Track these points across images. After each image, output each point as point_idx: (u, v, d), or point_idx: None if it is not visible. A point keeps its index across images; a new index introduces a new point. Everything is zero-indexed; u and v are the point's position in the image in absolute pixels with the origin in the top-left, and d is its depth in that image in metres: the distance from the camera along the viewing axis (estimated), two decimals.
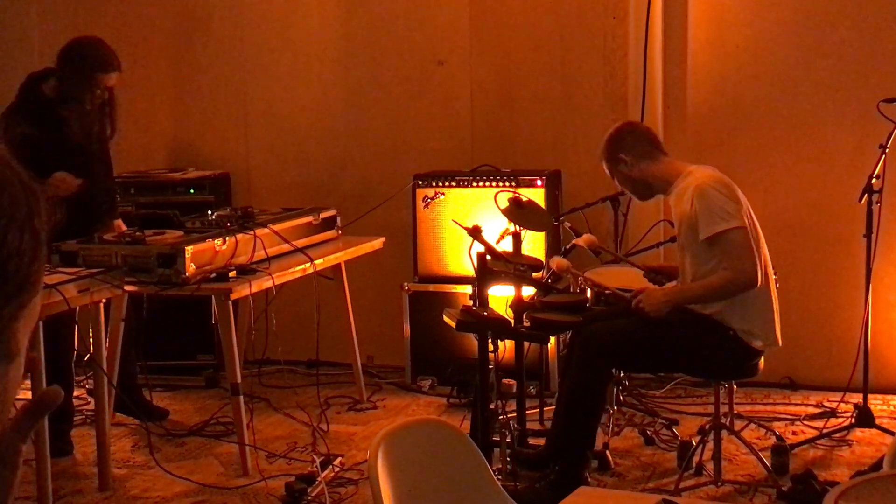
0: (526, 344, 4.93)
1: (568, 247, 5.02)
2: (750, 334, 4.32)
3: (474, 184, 5.87)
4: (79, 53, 5.06)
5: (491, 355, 4.25)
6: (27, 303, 1.19)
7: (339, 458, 4.92)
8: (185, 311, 5.98)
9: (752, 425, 5.24)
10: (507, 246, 4.73)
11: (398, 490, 2.58)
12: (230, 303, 4.75)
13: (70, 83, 5.04)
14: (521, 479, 4.36)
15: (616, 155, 4.50)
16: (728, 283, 4.25)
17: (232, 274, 4.81)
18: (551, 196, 5.83)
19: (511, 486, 4.15)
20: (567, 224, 5.38)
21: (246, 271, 4.88)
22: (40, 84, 5.09)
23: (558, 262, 4.67)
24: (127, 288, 4.67)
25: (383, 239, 5.86)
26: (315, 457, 4.84)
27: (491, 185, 5.77)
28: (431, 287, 5.96)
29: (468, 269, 4.56)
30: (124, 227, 5.22)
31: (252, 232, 5.03)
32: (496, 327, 4.23)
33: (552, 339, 5.49)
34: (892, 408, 5.57)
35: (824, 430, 5.13)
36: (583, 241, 4.89)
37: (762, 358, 4.43)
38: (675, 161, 4.56)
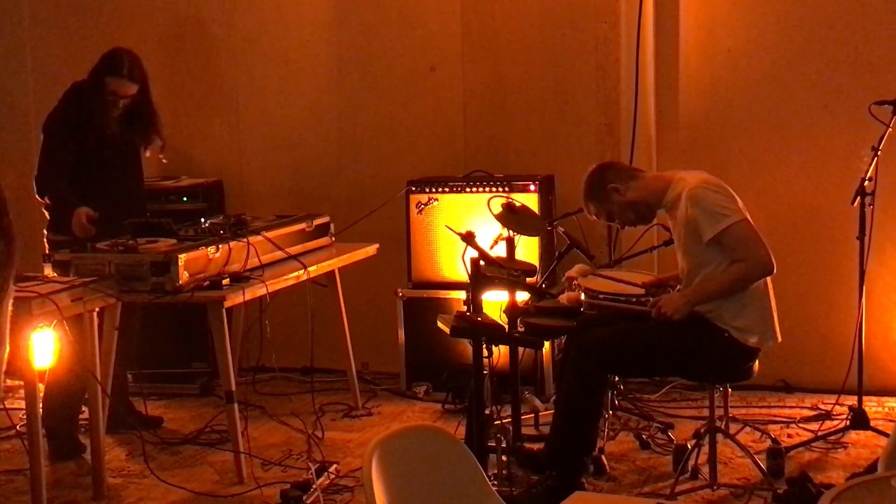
0: (521, 349, 4.93)
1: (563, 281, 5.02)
2: (745, 331, 4.32)
3: (468, 189, 5.87)
4: (100, 58, 5.26)
5: (485, 361, 4.25)
6: None
7: (335, 466, 4.91)
8: (178, 319, 5.97)
9: (748, 428, 5.24)
10: (500, 251, 4.73)
11: (393, 497, 2.57)
12: (224, 311, 4.74)
13: (87, 86, 5.23)
14: (516, 485, 4.36)
15: (605, 187, 4.52)
16: (745, 274, 4.26)
17: (225, 282, 4.80)
18: (545, 201, 5.83)
19: (506, 492, 4.15)
20: (560, 229, 5.39)
21: (239, 279, 4.87)
22: (84, 88, 5.28)
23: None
24: (120, 297, 4.67)
25: (377, 245, 5.86)
26: (310, 464, 4.83)
27: (484, 191, 5.78)
28: (425, 293, 5.96)
29: (462, 275, 4.55)
30: None
31: (245, 239, 5.03)
32: (490, 333, 4.23)
33: (546, 345, 5.50)
34: (886, 410, 5.58)
35: (819, 433, 5.13)
36: (576, 271, 4.89)
37: (757, 360, 4.43)
38: (658, 173, 4.59)
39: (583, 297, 4.68)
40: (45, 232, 5.30)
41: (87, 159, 5.24)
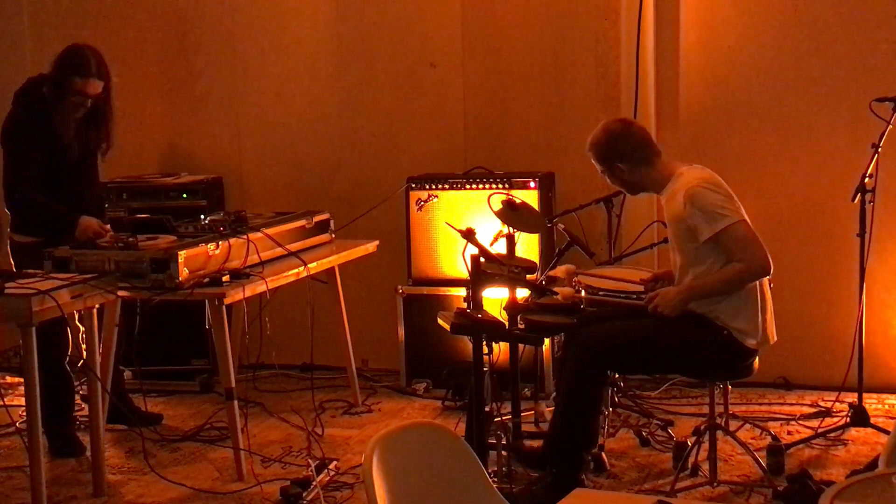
0: (521, 346, 4.92)
1: (544, 280, 5.01)
2: (743, 333, 4.32)
3: (468, 186, 5.87)
4: (61, 56, 5.04)
5: (485, 358, 4.25)
6: None
7: (335, 462, 4.91)
8: (178, 315, 5.96)
9: (748, 425, 5.24)
10: (500, 248, 4.72)
11: (393, 494, 2.57)
12: (224, 307, 4.74)
13: (50, 86, 5.03)
14: (516, 482, 4.36)
15: (612, 163, 4.47)
16: (742, 274, 4.25)
17: (225, 278, 4.80)
18: (545, 198, 5.83)
19: (507, 489, 4.15)
20: (560, 226, 5.39)
21: (239, 276, 4.87)
22: (40, 88, 5.07)
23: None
24: (120, 293, 4.66)
25: (377, 242, 5.85)
26: (310, 461, 4.83)
27: (484, 188, 5.78)
28: (425, 290, 5.96)
29: (462, 272, 4.55)
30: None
31: (245, 236, 5.03)
32: (490, 330, 4.23)
33: (546, 341, 5.49)
34: (886, 407, 5.58)
35: (819, 430, 5.13)
36: (561, 271, 4.88)
37: (757, 358, 4.42)
38: (668, 161, 4.55)
39: (582, 294, 4.68)
40: (9, 232, 5.17)
41: (51, 163, 5.05)
